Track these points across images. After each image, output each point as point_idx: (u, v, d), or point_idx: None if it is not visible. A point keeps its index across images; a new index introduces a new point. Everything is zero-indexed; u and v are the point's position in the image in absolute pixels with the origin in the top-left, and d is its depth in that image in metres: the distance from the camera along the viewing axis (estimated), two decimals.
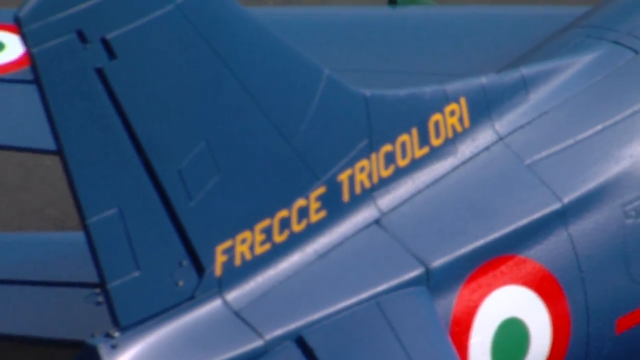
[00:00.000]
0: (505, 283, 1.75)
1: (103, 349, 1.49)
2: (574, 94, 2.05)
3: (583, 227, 1.95)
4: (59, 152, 1.56)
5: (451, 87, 1.88)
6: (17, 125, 2.27)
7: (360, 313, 1.66)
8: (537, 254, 1.81)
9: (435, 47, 2.33)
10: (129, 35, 1.54)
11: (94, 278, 1.60)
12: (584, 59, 2.07)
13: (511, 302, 1.79)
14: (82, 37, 1.51)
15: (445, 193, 1.82)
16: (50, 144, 1.90)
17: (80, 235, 1.84)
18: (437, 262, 1.73)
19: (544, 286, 1.82)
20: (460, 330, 1.65)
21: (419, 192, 1.80)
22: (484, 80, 1.94)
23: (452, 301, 1.71)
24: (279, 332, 1.63)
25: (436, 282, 1.74)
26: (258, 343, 1.61)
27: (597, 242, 2.06)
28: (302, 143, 1.67)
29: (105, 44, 1.52)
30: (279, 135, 1.65)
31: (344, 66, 2.12)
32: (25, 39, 1.49)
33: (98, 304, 1.65)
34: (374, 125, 1.74)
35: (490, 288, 1.75)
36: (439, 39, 2.42)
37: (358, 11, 2.89)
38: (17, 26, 1.50)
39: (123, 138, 1.56)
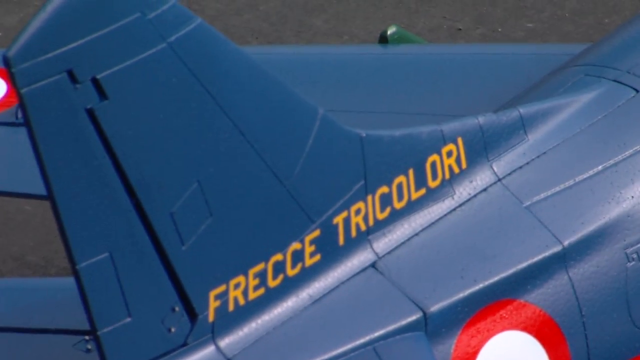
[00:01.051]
0: (504, 328, 1.69)
1: None
2: (573, 134, 1.98)
3: (584, 270, 1.88)
4: (48, 195, 1.49)
5: (448, 127, 1.81)
6: None
7: (360, 357, 1.59)
8: (537, 298, 1.75)
9: (428, 87, 2.26)
10: (120, 74, 1.47)
11: (82, 325, 1.51)
12: (583, 98, 2.01)
13: (511, 347, 1.72)
14: (72, 77, 1.44)
15: (442, 236, 1.75)
16: (34, 188, 1.82)
17: (65, 281, 1.76)
18: (435, 307, 1.66)
19: (545, 331, 1.75)
20: None
21: (416, 234, 1.74)
22: (481, 120, 1.87)
23: (451, 347, 1.65)
24: None
25: (434, 327, 1.67)
26: None
27: (598, 286, 1.99)
28: (297, 185, 1.60)
29: (96, 84, 1.46)
30: (273, 177, 1.58)
31: (336, 106, 2.05)
32: (13, 79, 1.42)
33: (88, 351, 1.57)
34: (370, 166, 1.68)
35: (490, 333, 1.68)
36: (432, 78, 2.35)
37: (348, 50, 2.86)
38: (6, 66, 1.43)
39: (114, 180, 1.48)
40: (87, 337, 1.58)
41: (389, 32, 2.48)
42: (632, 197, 2.09)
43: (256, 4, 6.61)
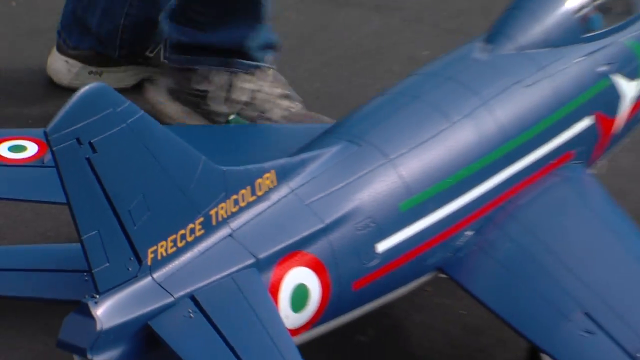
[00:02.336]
0: (296, 265, 2.47)
1: (90, 303, 2.26)
2: (320, 172, 2.25)
3: (338, 235, 2.53)
4: (69, 208, 2.42)
5: (267, 165, 2.67)
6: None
7: (225, 282, 2.46)
8: (312, 249, 2.52)
9: (237, 153, 2.82)
10: (102, 140, 2.23)
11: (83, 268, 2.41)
12: (329, 150, 2.36)
13: (299, 275, 2.44)
14: (78, 141, 2.25)
15: (264, 220, 2.58)
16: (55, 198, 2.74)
17: (71, 247, 2.65)
18: (262, 255, 2.50)
19: (314, 265, 2.39)
20: (274, 291, 2.46)
21: (252, 219, 2.62)
22: (282, 161, 2.70)
23: (270, 275, 2.45)
24: (182, 293, 2.07)
25: (261, 266, 2.49)
26: (170, 300, 2.06)
27: (344, 242, 2.31)
28: (191, 195, 2.45)
29: (90, 144, 2.33)
30: (180, 191, 2.39)
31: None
32: (49, 143, 2.35)
33: (86, 280, 2.43)
34: (227, 185, 2.51)
35: (289, 268, 2.48)
36: (240, 147, 2.76)
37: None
38: (45, 135, 2.34)
39: (101, 195, 2.34)
40: (85, 274, 2.44)
41: (230, 118, 3.24)
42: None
43: None
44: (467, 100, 2.40)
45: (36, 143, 2.60)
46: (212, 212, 2.10)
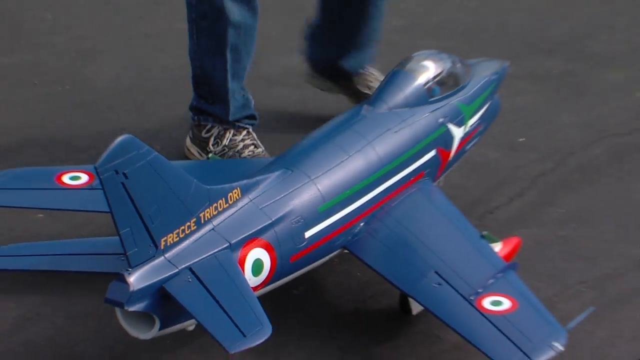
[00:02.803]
0: (255, 247, 2.46)
1: (125, 274, 2.27)
2: (268, 188, 2.61)
3: (280, 227, 2.58)
4: (111, 215, 2.29)
5: (235, 184, 2.54)
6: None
7: (210, 259, 2.40)
8: (264, 237, 2.47)
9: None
10: (131, 171, 2.21)
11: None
12: (274, 174, 2.62)
13: (256, 253, 2.47)
14: (116, 172, 2.21)
15: (234, 219, 2.47)
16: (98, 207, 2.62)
17: (110, 239, 2.60)
18: (233, 241, 2.44)
19: (266, 247, 2.47)
20: (241, 264, 2.44)
21: (226, 218, 2.45)
22: (244, 181, 2.59)
23: (238, 254, 2.43)
24: (183, 266, 2.36)
25: (233, 248, 2.41)
26: (175, 270, 2.34)
27: (284, 231, 2.61)
28: (187, 204, 2.39)
29: (124, 174, 2.18)
30: (180, 202, 2.37)
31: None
32: (98, 174, 2.21)
33: (122, 260, 2.38)
34: (210, 197, 2.43)
35: (250, 249, 2.46)
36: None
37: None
38: (95, 169, 2.20)
39: (132, 207, 2.26)
40: (121, 256, 2.37)
41: (209, 155, 3.23)
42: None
43: None
44: (358, 141, 2.75)
45: (87, 174, 2.87)
46: (201, 214, 2.43)
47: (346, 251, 2.77)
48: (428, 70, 2.89)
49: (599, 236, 3.11)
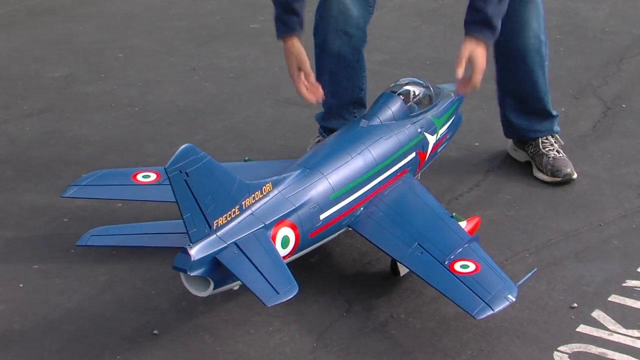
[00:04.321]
0: (283, 227, 2.42)
1: (188, 248, 2.24)
2: (292, 183, 2.54)
3: (301, 212, 2.51)
4: (177, 205, 2.22)
5: (267, 180, 2.48)
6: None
7: (250, 235, 2.35)
8: (290, 219, 2.42)
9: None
10: (192, 170, 2.18)
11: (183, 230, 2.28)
12: (296, 172, 2.57)
13: (284, 232, 2.43)
14: (180, 172, 2.17)
15: (267, 205, 2.41)
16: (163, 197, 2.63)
17: (173, 222, 2.51)
18: (267, 222, 2.38)
19: (291, 226, 2.43)
20: (273, 239, 2.40)
21: (261, 205, 2.40)
22: (274, 178, 2.53)
23: (270, 232, 2.39)
24: (230, 241, 2.30)
25: (267, 227, 2.38)
26: (225, 245, 2.29)
27: (304, 215, 2.53)
28: (233, 195, 2.33)
29: (186, 173, 2.16)
30: (227, 193, 2.32)
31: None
32: (167, 173, 2.18)
33: (184, 238, 2.32)
34: (249, 190, 2.38)
35: (279, 228, 2.42)
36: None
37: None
38: (165, 170, 2.17)
39: (192, 198, 2.23)
40: (184, 235, 2.31)
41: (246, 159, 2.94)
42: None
43: None
44: (358, 147, 2.71)
45: (155, 174, 2.85)
46: (243, 202, 2.38)
47: (350, 229, 2.73)
48: (409, 92, 2.85)
49: (536, 214, 3.07)
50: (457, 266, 2.46)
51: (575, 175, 3.20)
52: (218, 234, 2.33)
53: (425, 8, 4.75)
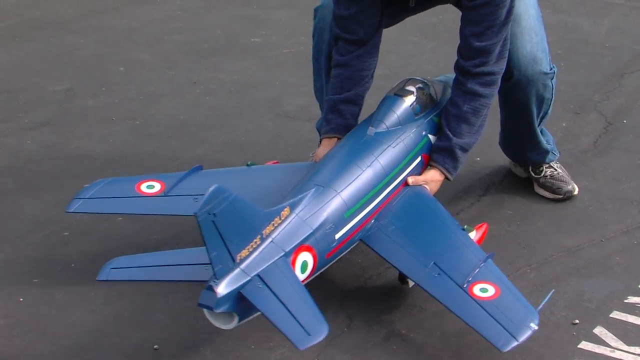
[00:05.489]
0: (302, 252, 2.42)
1: (213, 285, 2.21)
2: (307, 204, 2.50)
3: (318, 234, 2.46)
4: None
5: (285, 203, 2.43)
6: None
7: (271, 265, 2.32)
8: (308, 242, 2.43)
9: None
10: (219, 210, 2.16)
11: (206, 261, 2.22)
12: (309, 192, 2.52)
13: (303, 257, 2.43)
14: (208, 213, 2.15)
15: (285, 231, 2.38)
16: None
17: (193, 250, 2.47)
18: (287, 249, 2.36)
19: (309, 250, 2.44)
20: (292, 265, 2.40)
21: (280, 232, 2.37)
22: (291, 201, 2.48)
23: (290, 259, 2.37)
24: (253, 273, 2.27)
25: (287, 255, 2.36)
26: (248, 278, 2.26)
27: (321, 237, 2.48)
28: (255, 226, 2.31)
29: (214, 214, 2.13)
30: (250, 225, 2.27)
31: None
32: (197, 217, 2.15)
33: (205, 270, 2.33)
34: (269, 217, 2.36)
35: (298, 254, 2.41)
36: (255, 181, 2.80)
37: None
38: (195, 214, 2.11)
39: (219, 237, 2.21)
40: (205, 267, 2.31)
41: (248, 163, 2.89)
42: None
43: None
44: (368, 158, 2.66)
45: (159, 183, 2.77)
46: (263, 231, 2.34)
47: (360, 242, 2.67)
48: (411, 93, 2.78)
49: (537, 230, 3.09)
50: (477, 290, 2.41)
51: (576, 192, 3.21)
52: (241, 266, 2.30)
53: (426, 22, 4.74)
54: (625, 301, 2.67)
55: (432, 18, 4.88)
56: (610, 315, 2.62)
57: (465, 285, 2.41)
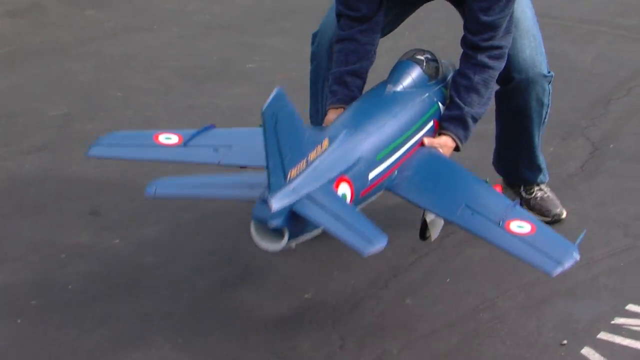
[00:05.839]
0: (342, 182, 2.39)
1: (268, 198, 2.20)
2: (342, 142, 2.51)
3: (355, 170, 2.47)
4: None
5: (324, 135, 2.45)
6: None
7: (318, 188, 2.30)
8: (346, 176, 2.41)
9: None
10: (280, 117, 2.06)
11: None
12: (343, 132, 2.53)
13: (343, 188, 2.40)
14: (273, 114, 2.10)
15: (326, 160, 2.40)
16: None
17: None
18: (331, 177, 2.38)
19: (348, 182, 2.41)
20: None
21: (323, 160, 2.37)
22: (327, 135, 2.49)
23: (333, 186, 2.36)
24: (303, 192, 2.26)
25: (330, 182, 2.36)
26: (299, 196, 2.25)
27: (357, 173, 2.47)
28: (303, 146, 2.28)
29: (275, 120, 2.03)
30: (301, 145, 2.23)
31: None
32: (263, 115, 2.11)
33: (253, 191, 2.30)
34: (314, 143, 2.36)
35: (339, 183, 2.40)
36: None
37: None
38: (262, 112, 2.09)
39: (277, 146, 2.17)
40: (252, 189, 2.26)
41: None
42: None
43: None
44: (391, 109, 2.64)
45: (177, 136, 2.74)
46: (309, 156, 2.31)
47: (388, 190, 2.64)
48: (422, 61, 2.79)
49: None
50: (514, 226, 2.39)
51: (564, 215, 3.23)
52: (292, 185, 2.27)
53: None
54: (612, 322, 2.70)
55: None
56: (598, 336, 2.64)
57: (500, 223, 2.39)
